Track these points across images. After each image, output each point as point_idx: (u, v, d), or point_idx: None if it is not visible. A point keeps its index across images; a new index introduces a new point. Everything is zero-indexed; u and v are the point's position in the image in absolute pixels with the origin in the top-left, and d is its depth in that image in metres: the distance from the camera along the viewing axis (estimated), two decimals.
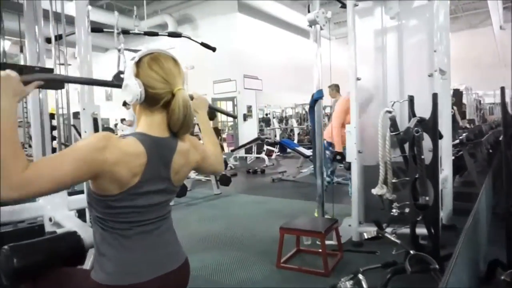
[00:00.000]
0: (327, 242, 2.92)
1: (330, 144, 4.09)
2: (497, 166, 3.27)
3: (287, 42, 13.05)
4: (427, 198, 2.07)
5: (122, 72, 1.55)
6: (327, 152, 4.14)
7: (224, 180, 5.08)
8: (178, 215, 4.23)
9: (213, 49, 3.99)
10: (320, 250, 2.62)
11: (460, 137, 4.53)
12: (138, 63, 1.06)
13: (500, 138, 2.36)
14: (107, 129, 8.03)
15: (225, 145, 11.12)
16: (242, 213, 4.41)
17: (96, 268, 1.05)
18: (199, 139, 1.31)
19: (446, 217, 3.19)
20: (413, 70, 3.21)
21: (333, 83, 5.23)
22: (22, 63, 2.63)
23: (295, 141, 9.21)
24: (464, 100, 10.63)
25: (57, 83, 2.01)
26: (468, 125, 9.00)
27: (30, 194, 0.85)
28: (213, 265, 2.77)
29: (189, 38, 3.86)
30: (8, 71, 0.93)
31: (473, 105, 11.33)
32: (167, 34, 4.03)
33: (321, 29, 3.25)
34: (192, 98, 1.30)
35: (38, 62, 2.41)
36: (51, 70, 2.02)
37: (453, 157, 3.84)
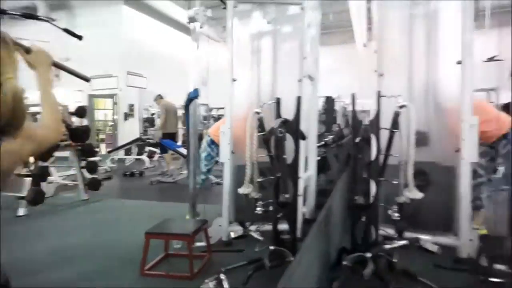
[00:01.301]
0: (198, 244, 2.85)
1: (213, 142, 4.00)
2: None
3: (176, 41, 12.73)
4: (287, 196, 2.16)
5: None
6: (208, 149, 4.05)
7: (93, 184, 4.61)
8: (34, 226, 3.66)
9: (79, 37, 3.56)
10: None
11: (326, 139, 4.98)
12: None
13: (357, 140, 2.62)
14: None
15: (103, 146, 10.24)
16: (111, 220, 4.05)
17: None
18: None
19: (309, 212, 3.43)
20: (286, 75, 3.37)
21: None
22: None
23: (179, 142, 8.99)
24: (336, 107, 11.81)
25: None
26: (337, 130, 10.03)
27: None
28: (72, 278, 2.45)
29: (48, 21, 3.37)
30: None
31: (341, 112, 12.72)
32: (20, 14, 3.45)
33: (201, 27, 3.19)
34: (28, 51, 1.06)
35: None
36: None
37: (319, 158, 4.19)
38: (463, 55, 2.64)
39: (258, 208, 2.36)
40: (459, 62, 2.66)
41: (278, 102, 2.45)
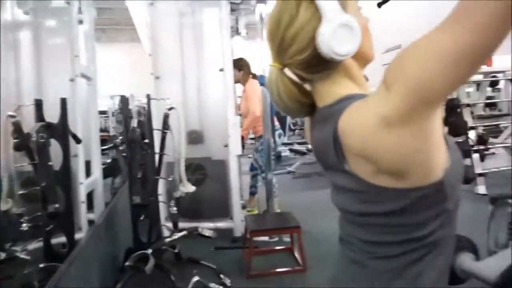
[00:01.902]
0: None
1: None
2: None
3: None
4: (56, 206, 1.99)
5: None
6: None
7: None
8: None
9: None
10: None
11: (116, 141, 4.79)
12: None
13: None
14: None
15: None
16: None
17: None
18: None
19: (98, 216, 3.26)
20: (55, 74, 3.06)
21: None
22: None
23: None
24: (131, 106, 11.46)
25: None
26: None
27: None
28: None
29: None
30: None
31: (136, 111, 12.50)
32: None
33: None
34: None
35: None
36: None
37: (111, 159, 4.03)
38: (224, 63, 3.06)
39: (24, 224, 2.08)
40: (221, 70, 3.07)
41: (38, 104, 2.20)
